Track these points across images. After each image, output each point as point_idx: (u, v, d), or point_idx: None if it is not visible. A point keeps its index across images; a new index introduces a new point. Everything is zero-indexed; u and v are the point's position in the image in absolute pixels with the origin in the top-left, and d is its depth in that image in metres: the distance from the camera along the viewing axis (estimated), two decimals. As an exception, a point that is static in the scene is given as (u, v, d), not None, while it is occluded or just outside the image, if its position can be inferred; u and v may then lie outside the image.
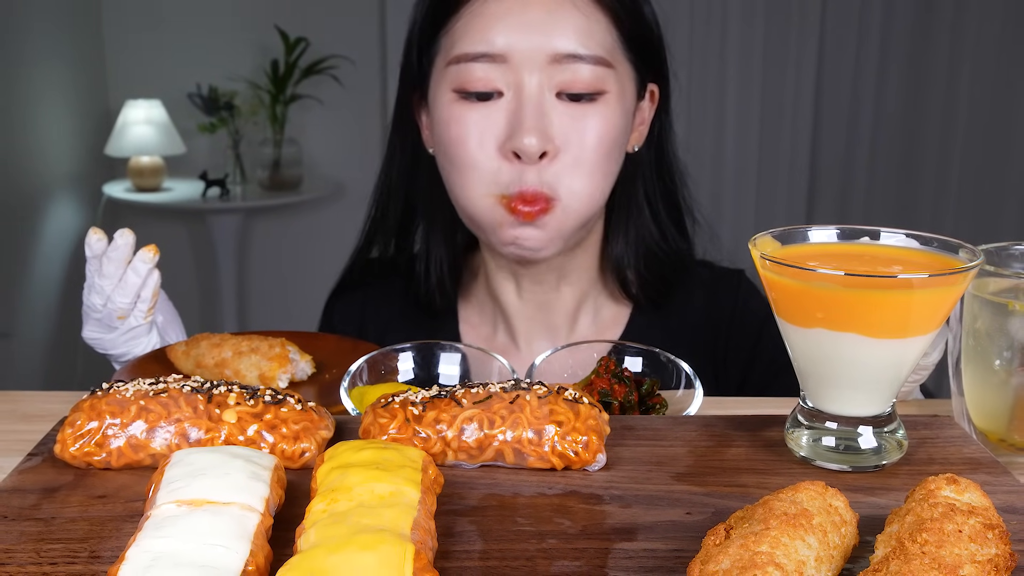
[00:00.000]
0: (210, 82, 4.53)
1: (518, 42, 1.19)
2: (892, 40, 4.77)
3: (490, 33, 1.20)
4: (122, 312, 1.18)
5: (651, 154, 1.37)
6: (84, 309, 1.21)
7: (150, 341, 1.24)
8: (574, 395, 0.83)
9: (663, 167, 1.39)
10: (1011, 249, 0.94)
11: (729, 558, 0.60)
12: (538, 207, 1.21)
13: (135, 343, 1.23)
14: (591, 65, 1.20)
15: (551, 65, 1.19)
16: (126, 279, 1.17)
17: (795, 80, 4.77)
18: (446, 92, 1.24)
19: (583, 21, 1.21)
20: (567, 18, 1.20)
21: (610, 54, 1.23)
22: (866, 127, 4.86)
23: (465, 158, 1.22)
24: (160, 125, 4.30)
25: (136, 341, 1.23)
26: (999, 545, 0.63)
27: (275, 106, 4.49)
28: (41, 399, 1.10)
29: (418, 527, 0.65)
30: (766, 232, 0.87)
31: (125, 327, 1.20)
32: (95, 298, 1.19)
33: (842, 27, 4.76)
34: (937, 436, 0.89)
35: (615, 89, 1.23)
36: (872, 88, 4.82)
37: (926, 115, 4.85)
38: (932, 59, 4.77)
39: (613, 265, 1.37)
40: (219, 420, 0.81)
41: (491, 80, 1.20)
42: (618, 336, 1.39)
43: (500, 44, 1.19)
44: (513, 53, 1.19)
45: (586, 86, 1.21)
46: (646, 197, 1.36)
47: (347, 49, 4.54)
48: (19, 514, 0.73)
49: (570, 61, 1.20)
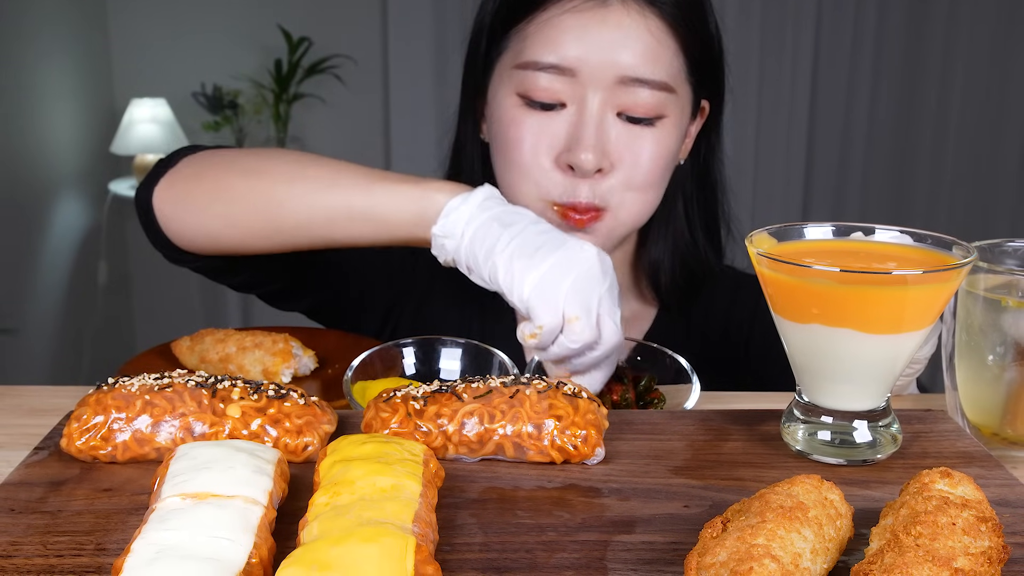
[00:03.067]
0: (214, 81, 4.54)
1: (588, 58, 1.18)
2: (886, 40, 4.78)
3: (562, 46, 1.19)
4: None
5: (696, 167, 1.38)
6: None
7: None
8: (573, 390, 0.84)
9: (707, 181, 1.40)
10: (1004, 246, 0.95)
11: (726, 550, 0.60)
12: (589, 216, 1.22)
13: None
14: (653, 90, 1.20)
15: (616, 85, 1.19)
16: None
17: (791, 80, 4.78)
18: (510, 95, 1.23)
19: (654, 45, 1.20)
20: (639, 40, 1.19)
21: (674, 80, 1.23)
22: (861, 126, 4.87)
23: (520, 162, 1.23)
24: (165, 123, 4.31)
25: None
26: (992, 538, 0.63)
27: (278, 105, 4.50)
28: (47, 394, 1.11)
29: (419, 520, 0.65)
30: (763, 229, 0.88)
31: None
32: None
33: (837, 27, 4.77)
34: (931, 430, 0.90)
35: (674, 113, 1.24)
36: (867, 88, 4.83)
37: (920, 114, 4.86)
38: (926, 58, 4.78)
39: (648, 267, 1.39)
40: (223, 414, 0.82)
41: (556, 92, 1.20)
42: (643, 335, 1.41)
43: (571, 58, 1.19)
44: (581, 69, 1.19)
45: (647, 111, 1.21)
46: (684, 207, 1.38)
47: (349, 49, 4.55)
48: (26, 507, 0.74)
49: (635, 85, 1.19)
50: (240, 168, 1.16)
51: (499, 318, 1.38)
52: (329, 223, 1.12)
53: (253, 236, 1.16)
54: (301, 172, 1.14)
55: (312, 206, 1.12)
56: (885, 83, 4.81)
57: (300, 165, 1.15)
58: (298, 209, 1.12)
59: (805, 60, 4.77)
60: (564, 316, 0.98)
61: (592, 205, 1.22)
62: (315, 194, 1.12)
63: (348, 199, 1.11)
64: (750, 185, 4.80)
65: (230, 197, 1.15)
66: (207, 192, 1.16)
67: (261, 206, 1.13)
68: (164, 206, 1.18)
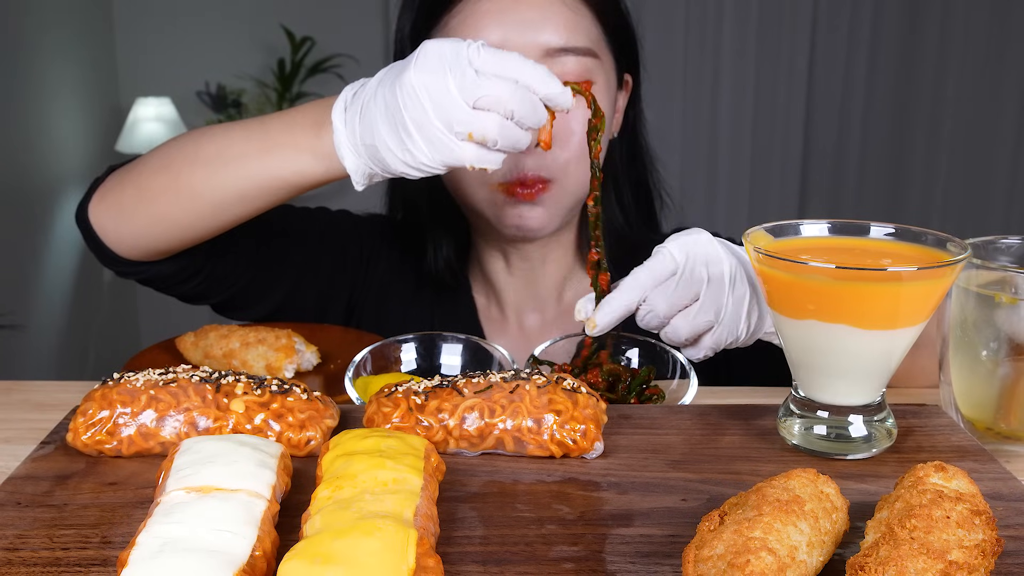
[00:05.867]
0: (218, 80, 4.56)
1: (511, 37, 1.22)
2: (882, 38, 4.79)
3: (484, 29, 1.22)
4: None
5: (624, 141, 1.42)
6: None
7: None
8: (572, 385, 0.85)
9: (636, 152, 1.44)
10: (998, 243, 0.96)
11: (723, 543, 0.61)
12: (536, 188, 1.25)
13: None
14: (579, 56, 1.24)
15: (543, 59, 1.22)
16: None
17: (787, 80, 4.79)
18: None
19: (570, 15, 1.25)
20: (557, 14, 1.23)
21: (596, 45, 1.27)
22: (856, 125, 4.89)
23: None
24: (170, 122, 4.32)
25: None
26: (986, 531, 0.64)
27: (281, 104, 4.52)
28: (54, 389, 1.11)
29: (420, 513, 0.66)
30: (759, 226, 0.88)
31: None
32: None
33: (833, 25, 4.78)
34: (925, 425, 0.91)
35: (601, 79, 1.28)
36: (862, 88, 4.84)
37: (914, 113, 4.87)
38: (920, 59, 4.79)
39: (587, 244, 1.42)
40: (227, 409, 0.82)
41: None
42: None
43: (494, 38, 1.21)
44: (506, 47, 1.21)
45: (575, 77, 1.24)
46: (615, 183, 1.42)
47: (351, 48, 4.56)
48: (32, 500, 0.75)
49: (560, 54, 1.23)
50: (151, 166, 1.18)
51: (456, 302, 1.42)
52: (242, 199, 1.13)
53: (181, 228, 1.17)
54: (197, 155, 1.14)
55: (218, 187, 1.13)
56: (880, 82, 4.82)
57: (195, 146, 1.16)
58: (207, 193, 1.13)
59: (801, 58, 4.78)
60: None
61: (539, 177, 1.25)
62: (216, 174, 1.12)
63: (248, 171, 1.11)
64: (747, 183, 4.81)
65: (149, 196, 1.17)
66: (131, 197, 1.18)
67: (175, 198, 1.15)
68: (98, 219, 1.21)
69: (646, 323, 1.02)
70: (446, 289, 1.45)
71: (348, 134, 1.03)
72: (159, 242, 1.19)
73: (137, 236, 1.19)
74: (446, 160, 0.99)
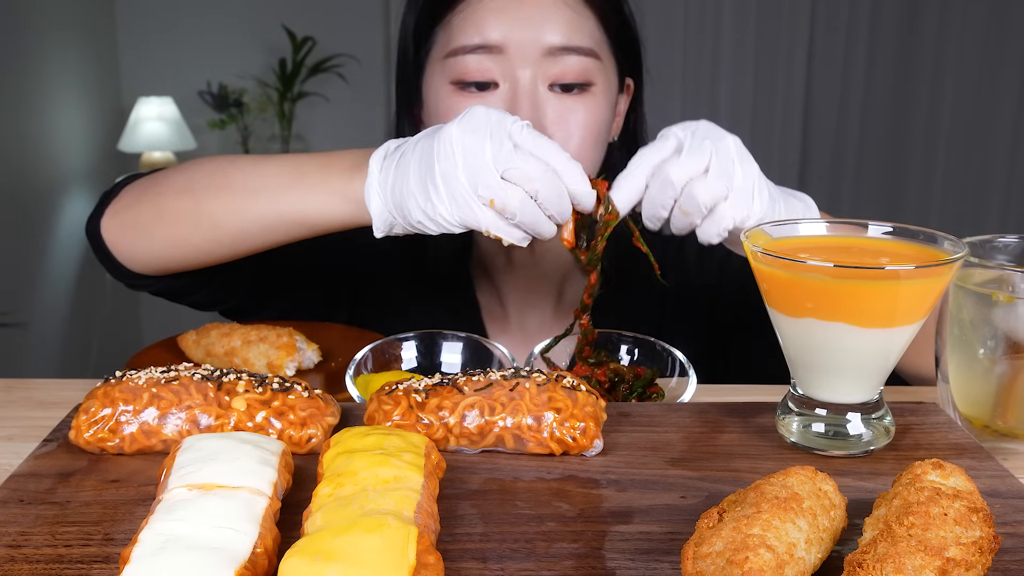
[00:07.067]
0: (220, 80, 4.57)
1: (513, 35, 1.23)
2: (880, 38, 4.80)
3: (486, 27, 1.23)
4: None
5: (624, 144, 1.43)
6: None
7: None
8: (572, 383, 0.85)
9: (635, 150, 1.43)
10: (995, 241, 0.96)
11: (722, 540, 0.61)
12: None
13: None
14: (581, 56, 1.25)
15: (544, 58, 1.23)
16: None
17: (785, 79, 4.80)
18: (443, 84, 1.27)
19: (573, 16, 1.25)
20: (558, 13, 1.24)
21: (598, 46, 1.28)
22: (854, 124, 4.89)
23: None
24: (172, 122, 4.33)
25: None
26: (983, 528, 0.64)
27: (283, 103, 4.53)
28: (56, 387, 1.11)
29: (421, 510, 0.66)
30: (758, 225, 0.89)
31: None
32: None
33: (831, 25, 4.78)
34: (923, 422, 0.91)
35: (602, 81, 1.28)
36: (860, 87, 4.85)
37: (912, 114, 4.88)
38: (918, 58, 4.80)
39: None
40: (228, 407, 0.83)
41: (487, 71, 1.24)
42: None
43: (496, 37, 1.23)
44: (508, 46, 1.23)
45: (576, 76, 1.25)
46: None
47: (352, 48, 4.57)
48: (35, 498, 0.75)
49: (562, 53, 1.24)
50: (173, 187, 1.18)
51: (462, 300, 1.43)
52: (265, 231, 1.14)
53: (197, 252, 1.18)
54: (225, 182, 1.14)
55: (243, 217, 1.13)
56: (878, 82, 4.83)
57: (223, 173, 1.16)
58: (231, 221, 1.14)
59: (800, 58, 4.78)
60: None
61: None
62: (242, 204, 1.13)
63: (276, 205, 1.11)
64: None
65: (168, 218, 1.17)
66: (147, 216, 1.19)
67: (196, 223, 1.15)
68: (111, 235, 1.21)
69: (661, 198, 1.01)
70: (448, 287, 1.45)
71: (381, 180, 1.03)
72: (173, 263, 1.20)
73: (152, 255, 1.20)
74: (465, 219, 0.99)
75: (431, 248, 1.42)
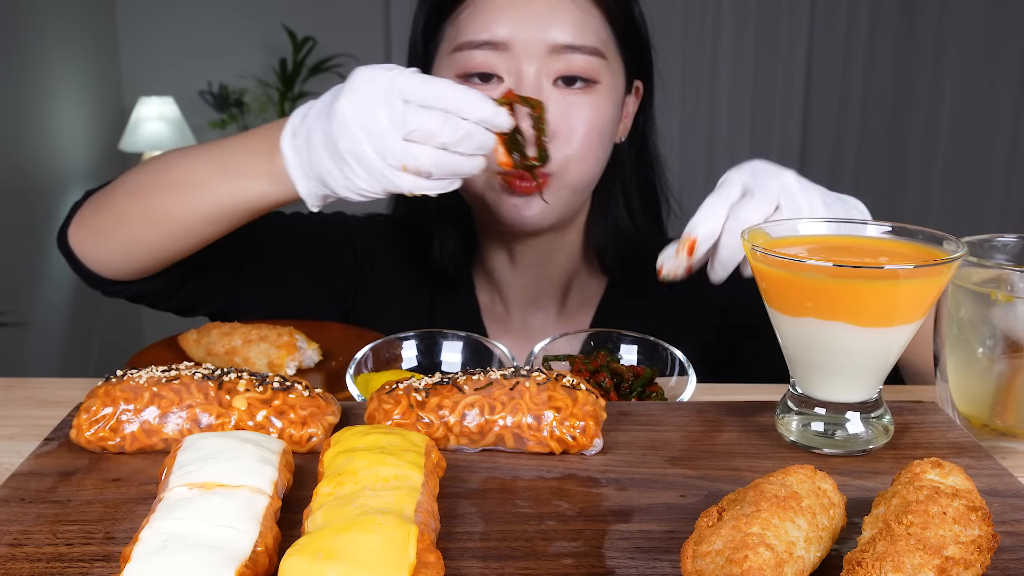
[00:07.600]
0: (221, 80, 4.57)
1: (519, 32, 1.24)
2: (879, 38, 4.80)
3: (493, 23, 1.24)
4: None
5: (633, 146, 1.43)
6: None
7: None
8: (572, 382, 0.85)
9: (644, 157, 1.45)
10: (993, 241, 0.96)
11: (722, 539, 0.61)
12: (533, 185, 1.26)
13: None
14: (586, 55, 1.26)
15: (549, 55, 1.24)
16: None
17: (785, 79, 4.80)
18: (449, 78, 1.26)
19: (580, 15, 1.26)
20: (565, 12, 1.25)
21: (604, 46, 1.28)
22: (853, 124, 4.90)
23: None
24: (172, 121, 4.33)
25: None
26: (982, 526, 0.64)
27: (283, 103, 4.53)
28: (57, 386, 1.12)
29: (421, 509, 0.66)
30: (757, 224, 0.89)
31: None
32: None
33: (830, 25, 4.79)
34: (922, 421, 0.91)
35: (607, 80, 1.29)
36: (859, 87, 4.85)
37: (911, 113, 4.88)
38: (917, 58, 4.80)
39: (593, 245, 1.44)
40: (229, 406, 0.83)
41: (493, 66, 1.25)
42: (593, 309, 1.46)
43: (502, 33, 1.24)
44: (514, 42, 1.24)
45: (581, 71, 1.26)
46: (622, 185, 1.43)
47: (353, 48, 4.58)
48: (36, 497, 0.75)
49: (567, 51, 1.25)
50: (125, 190, 1.20)
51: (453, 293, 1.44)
52: (209, 221, 1.15)
53: (158, 249, 1.19)
54: (166, 179, 1.16)
55: (187, 212, 1.14)
56: (877, 81, 4.83)
57: (163, 171, 1.18)
58: (177, 216, 1.15)
59: (799, 58, 4.79)
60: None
61: (539, 172, 1.25)
62: (183, 199, 1.14)
63: (214, 196, 1.13)
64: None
65: (125, 221, 1.18)
66: (106, 222, 1.20)
67: (149, 222, 1.17)
68: (78, 244, 1.23)
69: (740, 243, 1.00)
70: (448, 286, 1.45)
71: (297, 162, 1.05)
72: (138, 263, 1.21)
73: (116, 259, 1.21)
74: (386, 187, 1.01)
75: (435, 246, 1.42)
